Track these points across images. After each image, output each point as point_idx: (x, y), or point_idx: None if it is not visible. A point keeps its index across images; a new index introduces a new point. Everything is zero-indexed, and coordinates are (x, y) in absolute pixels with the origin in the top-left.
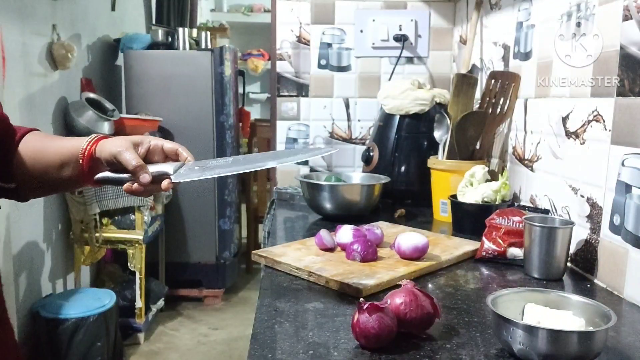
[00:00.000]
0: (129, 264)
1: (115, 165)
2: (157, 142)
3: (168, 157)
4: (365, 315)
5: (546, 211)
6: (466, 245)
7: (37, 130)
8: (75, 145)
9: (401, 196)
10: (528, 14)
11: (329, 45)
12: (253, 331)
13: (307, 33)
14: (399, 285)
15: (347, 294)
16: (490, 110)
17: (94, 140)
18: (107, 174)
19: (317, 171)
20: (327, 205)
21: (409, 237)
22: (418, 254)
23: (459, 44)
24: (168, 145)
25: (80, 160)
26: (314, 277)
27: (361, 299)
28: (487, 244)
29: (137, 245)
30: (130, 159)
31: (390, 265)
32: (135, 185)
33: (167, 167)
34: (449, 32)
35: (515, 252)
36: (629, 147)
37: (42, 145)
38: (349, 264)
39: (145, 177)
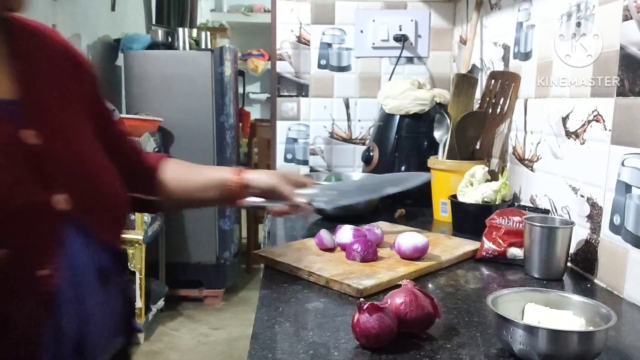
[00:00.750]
0: (129, 264)
1: (269, 194)
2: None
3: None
4: (366, 315)
5: (546, 211)
6: (466, 245)
7: (169, 156)
8: (220, 175)
9: (401, 196)
10: (528, 14)
11: (329, 45)
12: (253, 331)
13: (307, 33)
14: (399, 286)
15: (347, 294)
16: (490, 110)
17: (237, 172)
18: (255, 199)
19: (317, 171)
20: None
21: (409, 237)
22: (418, 254)
23: (459, 44)
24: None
25: (231, 188)
26: (314, 277)
27: (361, 299)
28: (487, 244)
29: (137, 245)
30: (289, 191)
31: (390, 266)
32: (284, 208)
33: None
34: (449, 32)
35: (515, 252)
36: (629, 147)
37: (184, 172)
38: (349, 264)
39: (308, 208)
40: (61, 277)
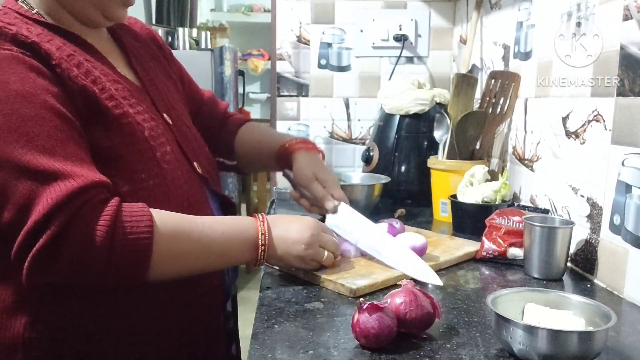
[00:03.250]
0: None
1: (303, 180)
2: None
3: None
4: (365, 315)
5: (546, 211)
6: (467, 246)
7: (248, 120)
8: (280, 142)
9: (401, 196)
10: (528, 13)
11: (329, 45)
12: (253, 331)
13: (307, 33)
14: (395, 286)
15: (347, 295)
16: (490, 110)
17: (293, 142)
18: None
19: None
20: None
21: (407, 238)
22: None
23: (459, 44)
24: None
25: (282, 151)
26: (309, 277)
27: (361, 299)
28: (487, 244)
29: None
30: (318, 190)
31: (388, 266)
32: (304, 202)
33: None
34: (449, 31)
35: (516, 252)
36: (629, 147)
37: (257, 139)
38: (349, 263)
39: (331, 207)
40: None
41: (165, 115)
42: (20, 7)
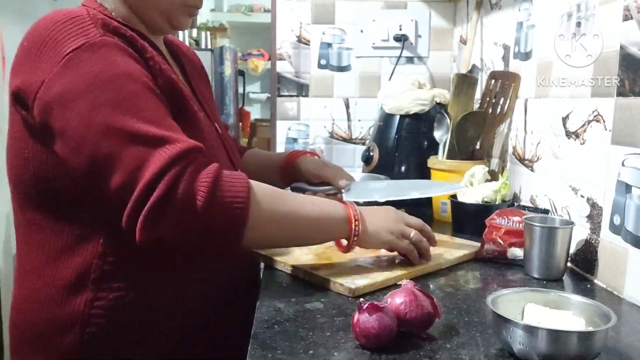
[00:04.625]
0: None
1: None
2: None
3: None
4: (365, 315)
5: (546, 211)
6: (467, 246)
7: (250, 148)
8: (279, 160)
9: None
10: (528, 14)
11: (329, 45)
12: (253, 331)
13: (307, 33)
14: (395, 286)
15: (347, 295)
16: (490, 110)
17: (292, 156)
18: (302, 184)
19: None
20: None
21: None
22: None
23: (459, 44)
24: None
25: (284, 169)
26: (309, 276)
27: (361, 299)
28: (487, 244)
29: None
30: (329, 172)
31: (387, 266)
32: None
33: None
34: (449, 32)
35: (516, 252)
36: (629, 147)
37: (258, 160)
38: (348, 263)
39: (344, 183)
40: None
41: (216, 124)
42: (104, 10)
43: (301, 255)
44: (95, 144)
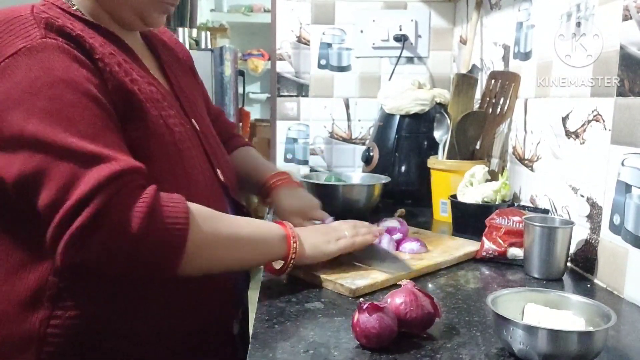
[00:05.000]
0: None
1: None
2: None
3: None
4: (366, 315)
5: (546, 211)
6: (468, 246)
7: (251, 146)
8: (260, 179)
9: (401, 196)
10: (528, 14)
11: (329, 45)
12: (253, 331)
13: (307, 33)
14: (395, 286)
15: (347, 295)
16: (490, 110)
17: (272, 183)
18: None
19: (317, 171)
20: (327, 205)
21: (405, 243)
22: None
23: (459, 44)
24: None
25: (260, 193)
26: (309, 277)
27: (361, 299)
28: (487, 244)
29: None
30: (295, 223)
31: (388, 267)
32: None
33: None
34: (449, 32)
35: (516, 252)
36: (629, 147)
37: (244, 166)
38: (346, 263)
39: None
40: None
41: (193, 120)
42: (63, 3)
43: None
44: (26, 156)
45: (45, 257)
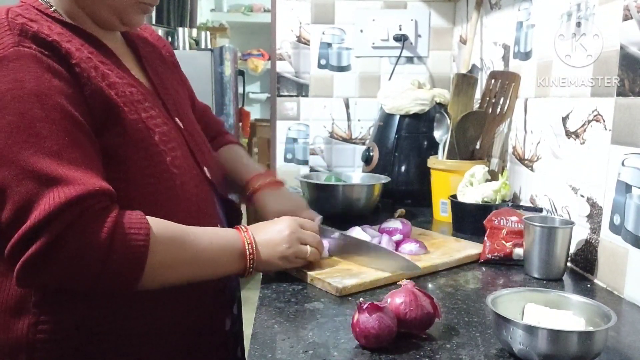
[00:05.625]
0: None
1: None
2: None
3: None
4: (365, 315)
5: (540, 209)
6: (470, 249)
7: (238, 144)
8: (243, 180)
9: (401, 196)
10: (528, 13)
11: (329, 45)
12: (253, 331)
13: (307, 33)
14: (384, 286)
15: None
16: (490, 110)
17: (256, 187)
18: None
19: (317, 171)
20: (327, 205)
21: (404, 245)
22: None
23: (459, 44)
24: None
25: (242, 195)
26: (300, 275)
27: (361, 299)
28: (491, 246)
29: None
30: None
31: (382, 266)
32: None
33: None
34: (449, 32)
35: (520, 252)
36: (629, 147)
37: (230, 164)
38: (343, 263)
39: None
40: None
41: (176, 119)
42: (40, 4)
43: None
44: None
45: None
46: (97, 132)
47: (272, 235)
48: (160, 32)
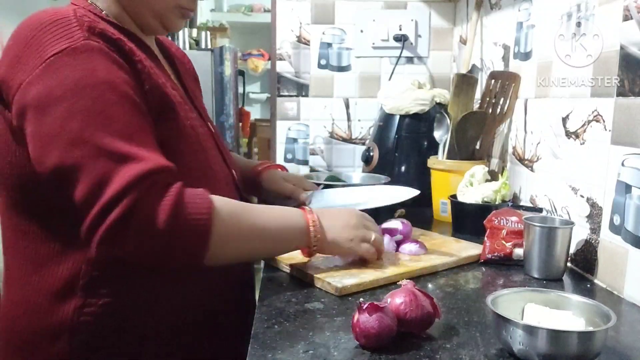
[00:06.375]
0: None
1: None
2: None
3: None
4: (365, 315)
5: (540, 210)
6: (470, 250)
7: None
8: (247, 168)
9: None
10: (528, 14)
11: (329, 45)
12: (253, 331)
13: (307, 33)
14: (385, 286)
15: (333, 293)
16: (490, 110)
17: (262, 168)
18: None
19: (317, 171)
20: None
21: (405, 245)
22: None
23: (459, 44)
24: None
25: (249, 181)
26: (300, 274)
27: (361, 299)
28: (491, 247)
29: None
30: (287, 187)
31: (381, 266)
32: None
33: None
34: (449, 32)
35: (521, 252)
36: (629, 147)
37: (237, 163)
38: (341, 262)
39: (304, 197)
40: None
41: (208, 123)
42: (94, 8)
43: (299, 254)
44: (63, 151)
45: (77, 247)
46: (154, 123)
47: (339, 219)
48: None
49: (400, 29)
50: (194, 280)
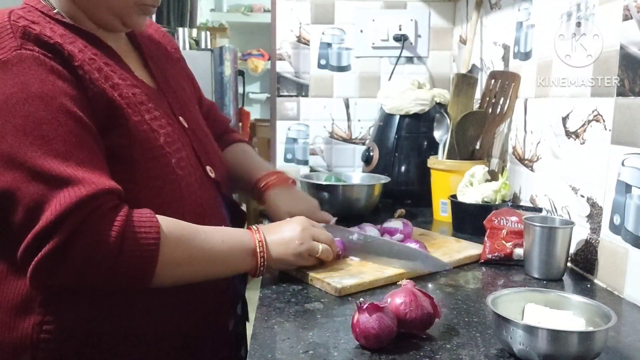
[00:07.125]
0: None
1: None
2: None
3: None
4: (365, 315)
5: (540, 209)
6: (470, 250)
7: (246, 142)
8: (252, 178)
9: (401, 196)
10: (528, 13)
11: (329, 45)
12: (253, 331)
13: (307, 33)
14: (384, 286)
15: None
16: (490, 110)
17: (265, 185)
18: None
19: (317, 171)
20: (327, 205)
21: (390, 225)
22: None
23: (459, 44)
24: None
25: (253, 194)
26: (300, 275)
27: (361, 299)
28: (492, 247)
29: None
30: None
31: (380, 267)
32: None
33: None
34: (449, 32)
35: (521, 252)
36: (629, 147)
37: (238, 164)
38: (340, 262)
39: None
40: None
41: (181, 118)
42: (43, 6)
43: None
44: None
45: None
46: (101, 133)
47: (284, 233)
48: None
49: (400, 29)
50: (164, 295)
